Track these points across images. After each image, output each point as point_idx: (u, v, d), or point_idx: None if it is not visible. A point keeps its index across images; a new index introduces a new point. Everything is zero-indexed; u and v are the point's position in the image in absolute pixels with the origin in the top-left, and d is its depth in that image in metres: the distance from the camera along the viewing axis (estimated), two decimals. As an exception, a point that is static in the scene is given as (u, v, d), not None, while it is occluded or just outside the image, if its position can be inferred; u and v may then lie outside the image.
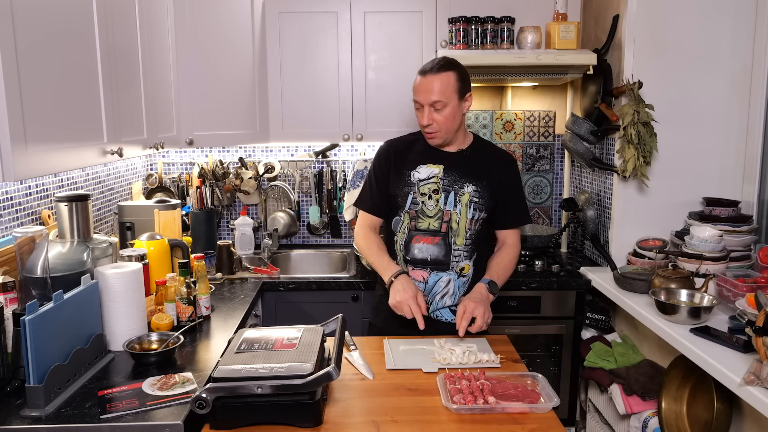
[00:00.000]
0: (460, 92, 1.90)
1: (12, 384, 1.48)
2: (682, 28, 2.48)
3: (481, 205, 1.96)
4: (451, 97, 1.88)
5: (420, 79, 1.90)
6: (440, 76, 1.87)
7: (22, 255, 1.64)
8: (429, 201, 1.96)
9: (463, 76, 1.91)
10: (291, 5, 2.77)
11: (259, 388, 1.30)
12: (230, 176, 3.11)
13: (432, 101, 1.87)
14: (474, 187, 1.96)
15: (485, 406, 1.40)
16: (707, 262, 2.22)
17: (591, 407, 2.68)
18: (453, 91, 1.88)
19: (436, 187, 1.96)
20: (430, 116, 1.89)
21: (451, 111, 1.89)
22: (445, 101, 1.87)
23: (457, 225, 1.96)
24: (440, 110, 1.88)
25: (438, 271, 1.96)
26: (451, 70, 1.89)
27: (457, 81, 1.89)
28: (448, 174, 1.97)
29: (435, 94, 1.86)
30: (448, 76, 1.87)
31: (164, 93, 2.47)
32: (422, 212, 1.96)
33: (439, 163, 1.98)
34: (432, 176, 1.96)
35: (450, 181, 1.96)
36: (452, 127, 1.93)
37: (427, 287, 1.97)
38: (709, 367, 1.72)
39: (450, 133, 1.94)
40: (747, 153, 2.50)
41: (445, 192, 1.96)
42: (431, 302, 1.97)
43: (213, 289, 2.32)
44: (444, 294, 1.97)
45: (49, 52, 1.56)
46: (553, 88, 3.19)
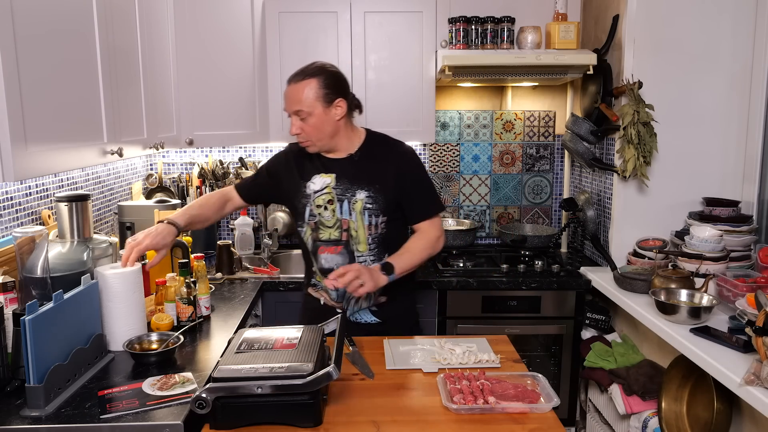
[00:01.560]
0: (325, 99, 1.84)
1: (12, 384, 1.48)
2: (682, 28, 2.48)
3: (377, 210, 1.91)
4: (314, 106, 1.82)
5: (285, 89, 1.87)
6: (301, 84, 1.83)
7: (22, 255, 1.64)
8: (325, 212, 1.93)
9: (329, 82, 1.85)
10: (291, 5, 2.77)
11: (259, 388, 1.30)
12: (230, 176, 3.11)
13: (295, 110, 1.84)
14: (366, 192, 1.90)
15: (485, 406, 1.40)
16: (707, 262, 2.22)
17: (591, 407, 2.68)
18: (315, 99, 1.82)
19: (330, 197, 1.92)
20: (298, 125, 1.85)
21: (317, 120, 1.84)
22: (308, 110, 1.82)
23: (356, 233, 1.92)
24: (306, 119, 1.84)
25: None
26: (315, 77, 1.83)
27: (321, 88, 1.83)
28: (340, 182, 1.92)
29: (296, 104, 1.83)
30: (310, 83, 1.82)
31: (164, 93, 2.47)
32: (321, 223, 1.95)
33: (331, 171, 1.94)
34: (325, 186, 1.93)
35: (342, 190, 1.92)
36: (323, 136, 1.87)
37: (340, 292, 1.96)
38: (709, 367, 1.72)
39: (323, 141, 1.89)
40: (747, 153, 2.50)
41: (339, 201, 1.92)
42: (347, 307, 1.98)
43: (213, 289, 2.32)
44: (357, 298, 1.95)
45: (49, 52, 1.56)
46: (553, 88, 3.19)
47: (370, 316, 2.00)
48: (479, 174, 3.25)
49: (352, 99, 1.94)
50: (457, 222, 3.21)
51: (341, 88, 1.89)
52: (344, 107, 1.88)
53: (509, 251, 3.01)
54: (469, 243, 2.98)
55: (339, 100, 1.87)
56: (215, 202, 2.06)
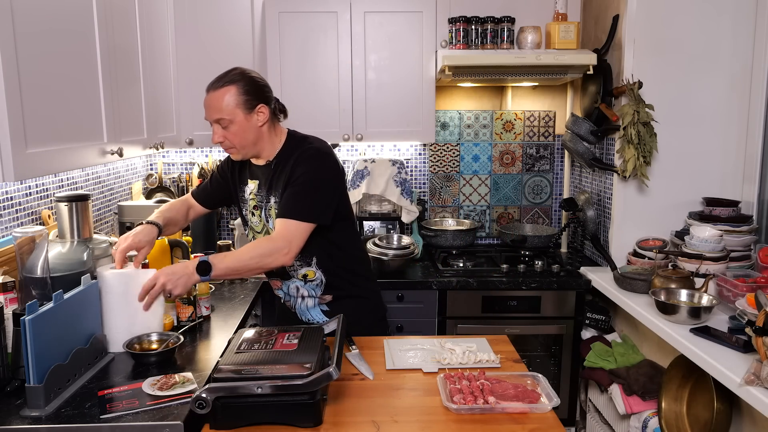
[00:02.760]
0: (246, 105, 1.80)
1: (12, 384, 1.48)
2: (682, 28, 2.48)
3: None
4: (234, 113, 1.79)
5: (205, 97, 1.84)
6: (220, 92, 1.79)
7: (22, 255, 1.64)
8: (253, 218, 1.98)
9: (248, 88, 1.81)
10: (291, 5, 2.77)
11: (259, 388, 1.30)
12: (230, 176, 3.11)
13: (215, 119, 1.81)
14: (275, 198, 1.90)
15: (485, 406, 1.40)
16: (707, 262, 2.22)
17: (591, 407, 2.68)
18: (235, 106, 1.79)
19: (255, 203, 1.96)
20: (220, 134, 1.82)
21: (239, 127, 1.81)
22: (229, 117, 1.79)
23: None
24: (228, 127, 1.81)
25: (285, 281, 2.00)
26: (234, 83, 1.79)
27: (240, 95, 1.79)
28: (260, 189, 1.95)
29: (216, 112, 1.80)
30: (228, 90, 1.79)
31: (164, 93, 2.47)
32: (252, 229, 2.01)
33: (255, 178, 1.96)
34: (251, 192, 1.97)
35: (261, 196, 1.94)
36: (246, 143, 1.84)
37: (284, 293, 2.02)
38: (709, 367, 1.72)
39: (246, 148, 1.86)
40: (747, 153, 2.50)
41: (259, 208, 1.96)
42: (294, 305, 2.01)
43: (213, 289, 2.32)
44: (301, 297, 1.98)
45: (50, 53, 1.56)
46: (553, 88, 3.19)
47: (321, 316, 1.99)
48: (479, 174, 3.25)
49: (275, 104, 1.91)
50: (457, 222, 3.21)
51: (262, 93, 1.85)
52: (266, 113, 1.85)
53: (509, 251, 3.01)
54: (469, 243, 2.98)
55: (260, 106, 1.83)
56: (179, 208, 2.08)
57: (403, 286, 2.62)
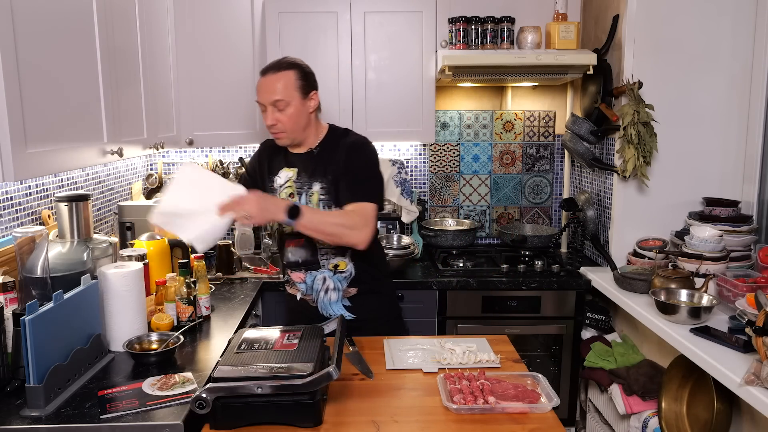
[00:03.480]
0: (303, 90, 1.88)
1: (12, 384, 1.48)
2: (682, 28, 2.48)
3: (330, 201, 1.91)
4: (293, 96, 1.85)
5: (261, 80, 1.88)
6: (280, 75, 1.85)
7: (22, 255, 1.64)
8: None
9: (304, 74, 1.90)
10: (291, 5, 2.77)
11: (259, 388, 1.30)
12: (230, 176, 3.11)
13: (273, 100, 1.84)
14: (320, 184, 1.92)
15: (485, 406, 1.40)
16: (707, 262, 2.22)
17: (591, 407, 2.68)
18: (294, 89, 1.86)
19: (292, 190, 1.97)
20: (274, 116, 1.86)
21: (294, 110, 1.87)
22: (287, 100, 1.84)
23: None
24: (283, 110, 1.86)
25: (312, 271, 1.98)
26: (292, 68, 1.87)
27: (298, 79, 1.87)
28: (300, 176, 1.96)
29: (276, 93, 1.84)
30: (288, 74, 1.86)
31: (164, 93, 2.47)
32: None
33: (293, 166, 1.98)
34: (287, 180, 1.98)
35: (301, 183, 1.96)
36: (298, 127, 1.90)
37: (307, 286, 2.00)
38: (709, 367, 1.72)
39: (296, 132, 1.91)
40: (747, 153, 2.50)
41: (298, 194, 1.96)
42: (317, 299, 1.99)
43: (213, 289, 2.32)
44: (326, 289, 1.97)
45: (50, 52, 1.56)
46: (553, 88, 3.19)
47: (342, 311, 1.99)
48: (479, 174, 3.25)
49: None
50: (457, 222, 3.21)
51: (314, 81, 1.94)
52: (317, 100, 1.93)
53: (509, 251, 3.01)
54: (469, 243, 2.98)
55: (313, 92, 1.92)
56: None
57: (403, 286, 2.61)
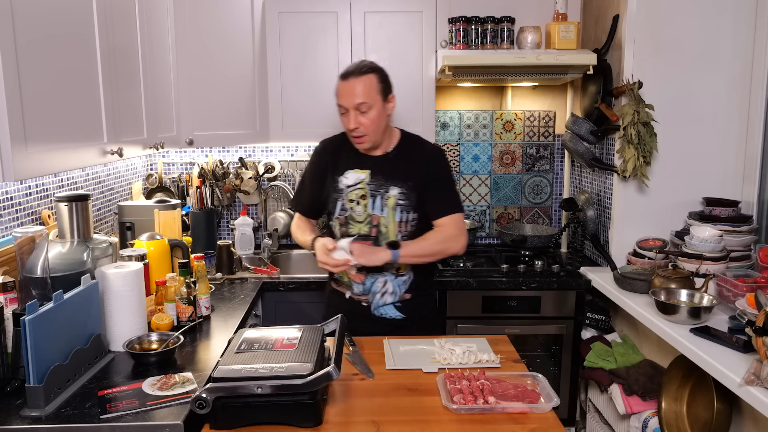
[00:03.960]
0: (383, 93, 1.91)
1: (12, 384, 1.48)
2: (682, 28, 2.48)
3: (409, 207, 1.95)
4: (376, 99, 1.88)
5: (342, 83, 1.90)
6: (362, 78, 1.87)
7: (22, 255, 1.64)
8: (357, 207, 1.97)
9: (384, 77, 1.93)
10: (291, 5, 2.77)
11: (259, 388, 1.31)
12: (230, 176, 3.11)
13: (357, 104, 1.86)
14: (399, 189, 1.95)
15: (485, 406, 1.40)
16: (707, 262, 2.22)
17: (591, 407, 2.68)
18: (376, 92, 1.89)
19: (363, 192, 1.97)
20: (357, 120, 1.88)
21: (377, 113, 1.89)
22: (370, 103, 1.87)
23: (386, 228, 1.96)
24: (366, 113, 1.88)
25: (374, 273, 1.98)
26: (373, 72, 1.90)
27: (379, 83, 1.90)
28: (374, 178, 1.97)
29: (359, 97, 1.86)
30: (370, 78, 1.89)
31: (164, 93, 2.47)
32: (351, 218, 1.98)
33: (366, 167, 1.98)
34: (359, 182, 1.97)
35: (376, 186, 1.96)
36: (379, 129, 1.92)
37: (365, 288, 2.00)
38: (709, 367, 1.72)
39: (377, 135, 1.93)
40: (747, 153, 2.50)
41: (372, 197, 1.96)
42: (372, 301, 2.00)
43: (213, 289, 2.32)
44: (383, 293, 1.99)
45: (49, 52, 1.56)
46: (553, 88, 3.19)
47: (393, 311, 2.01)
48: (479, 174, 3.25)
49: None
50: (457, 222, 3.20)
51: (391, 84, 1.97)
52: (394, 102, 1.97)
53: (509, 251, 3.01)
54: (469, 243, 2.96)
55: (391, 95, 1.96)
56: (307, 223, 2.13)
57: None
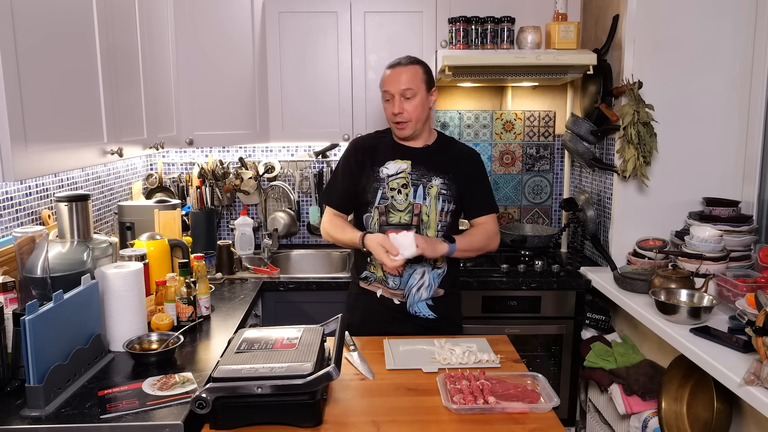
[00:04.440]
0: (427, 84, 2.00)
1: (12, 384, 1.48)
2: (682, 28, 2.48)
3: (450, 197, 2.03)
4: (420, 87, 1.97)
5: (389, 72, 2.00)
6: (409, 67, 1.98)
7: (22, 255, 1.64)
8: (398, 195, 2.01)
9: (428, 71, 2.03)
10: (291, 5, 2.77)
11: (259, 388, 1.31)
12: (230, 176, 3.11)
13: (402, 89, 1.95)
14: (441, 179, 2.02)
15: (485, 406, 1.40)
16: (707, 262, 2.22)
17: (591, 407, 2.68)
18: (421, 81, 1.98)
19: (405, 181, 2.02)
20: (401, 105, 1.96)
21: (420, 101, 1.97)
22: (415, 90, 1.96)
23: (427, 217, 2.02)
24: (410, 99, 1.96)
25: (413, 264, 2.01)
26: (418, 64, 2.01)
27: (424, 73, 2.00)
28: (416, 168, 2.03)
29: (405, 83, 1.95)
30: (416, 68, 1.99)
31: (164, 93, 2.47)
32: (392, 207, 2.02)
33: (407, 158, 2.04)
34: (400, 171, 2.02)
35: (418, 176, 2.02)
36: (421, 117, 2.00)
37: (402, 280, 2.02)
38: (709, 367, 1.72)
39: (419, 123, 2.00)
40: (747, 153, 2.50)
41: (414, 186, 2.01)
42: (408, 295, 2.02)
43: (213, 289, 2.32)
44: (420, 286, 2.02)
45: (49, 52, 1.56)
46: (553, 88, 3.19)
47: (426, 310, 2.05)
48: (479, 174, 3.25)
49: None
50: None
51: (434, 80, 2.06)
52: (436, 97, 2.06)
53: (509, 251, 3.00)
54: (469, 243, 2.98)
55: (434, 89, 2.04)
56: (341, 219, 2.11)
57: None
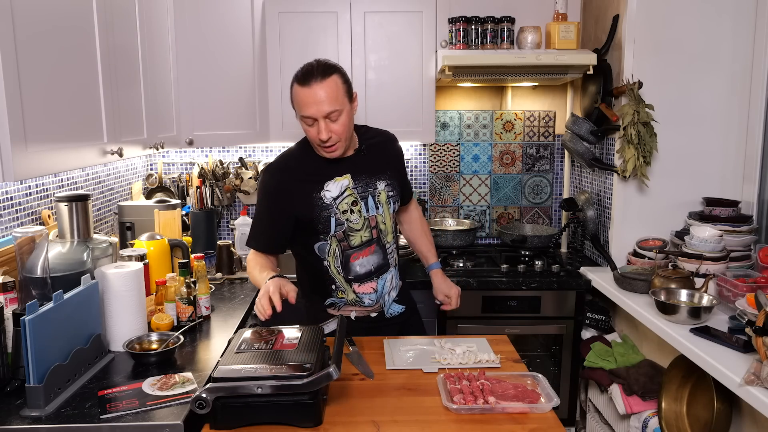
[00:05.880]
0: (349, 94, 1.76)
1: (12, 384, 1.48)
2: (682, 28, 2.48)
3: (396, 195, 1.93)
4: (344, 102, 1.72)
5: (305, 91, 1.69)
6: (327, 82, 1.69)
7: (22, 255, 1.64)
8: (352, 216, 1.84)
9: (345, 76, 1.77)
10: (291, 5, 2.77)
11: (259, 388, 1.30)
12: (230, 176, 3.11)
13: (327, 113, 1.69)
14: (384, 181, 1.90)
15: (485, 406, 1.40)
16: (707, 262, 2.22)
17: (591, 407, 2.68)
18: (343, 95, 1.72)
19: (353, 198, 1.84)
20: (328, 129, 1.72)
21: (347, 116, 1.74)
22: (340, 108, 1.71)
23: (384, 225, 1.90)
24: (336, 120, 1.72)
25: (383, 275, 1.92)
26: (336, 72, 1.73)
27: (343, 83, 1.74)
28: (358, 180, 1.85)
29: (328, 105, 1.68)
30: (335, 80, 1.71)
31: (164, 93, 2.47)
32: (350, 229, 1.85)
33: (345, 172, 1.84)
34: (344, 189, 1.83)
35: (363, 186, 1.86)
36: (349, 133, 1.79)
37: (378, 294, 1.92)
38: (709, 367, 1.72)
39: (348, 140, 1.80)
40: (747, 153, 2.50)
41: (362, 200, 1.85)
42: (384, 304, 1.95)
43: (213, 289, 2.32)
44: (391, 290, 1.96)
45: (49, 52, 1.56)
46: (553, 88, 3.19)
47: (397, 307, 1.99)
48: (479, 174, 3.25)
49: None
50: (457, 222, 3.21)
51: (351, 81, 1.82)
52: (358, 101, 1.84)
53: (509, 251, 3.01)
54: (469, 243, 2.98)
55: (355, 94, 1.81)
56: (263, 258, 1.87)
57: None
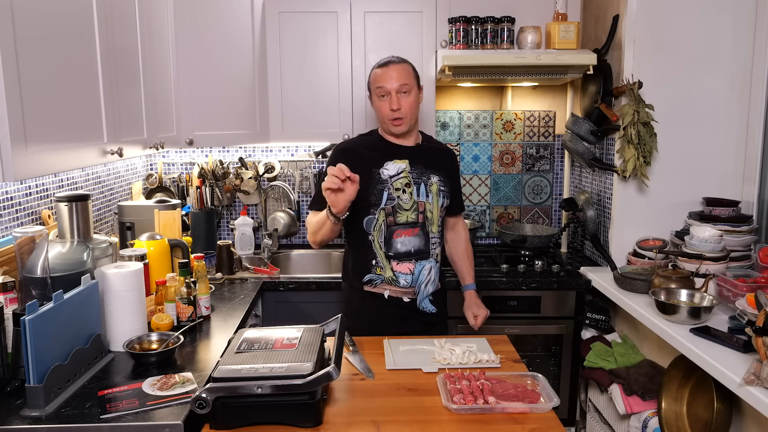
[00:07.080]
0: (417, 82, 2.06)
1: (12, 384, 1.48)
2: (682, 28, 2.48)
3: (447, 193, 2.10)
4: (414, 84, 2.02)
5: (382, 70, 2.01)
6: (403, 65, 2.02)
7: (22, 255, 1.64)
8: (404, 195, 2.03)
9: (415, 69, 2.07)
10: (291, 5, 2.77)
11: (259, 388, 1.31)
12: (230, 176, 3.11)
13: (398, 85, 1.98)
14: (437, 177, 2.08)
15: (485, 406, 1.40)
16: (707, 262, 2.22)
17: (591, 407, 2.68)
18: (413, 78, 2.03)
19: (407, 180, 2.04)
20: (398, 101, 1.98)
21: (414, 98, 2.02)
22: (410, 85, 2.00)
23: (431, 214, 2.07)
24: (406, 94, 1.99)
25: (421, 260, 2.06)
26: (407, 63, 2.05)
27: (414, 71, 2.05)
28: (414, 167, 2.06)
29: (401, 79, 1.98)
30: (408, 66, 2.03)
31: (164, 93, 2.47)
32: (399, 206, 2.03)
33: (403, 158, 2.06)
34: (401, 171, 2.04)
35: (418, 174, 2.06)
36: (414, 115, 2.04)
37: (413, 278, 2.06)
38: (709, 367, 1.72)
39: (412, 120, 2.05)
40: (747, 153, 2.50)
41: (416, 184, 2.05)
42: (418, 292, 2.07)
43: (213, 289, 2.32)
44: (428, 282, 2.07)
45: (49, 52, 1.56)
46: (553, 88, 3.19)
47: (429, 305, 2.10)
48: (479, 174, 3.25)
49: None
50: (457, 222, 3.21)
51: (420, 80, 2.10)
52: (423, 97, 2.12)
53: (509, 251, 3.00)
54: (469, 243, 2.98)
55: (422, 86, 2.10)
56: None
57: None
